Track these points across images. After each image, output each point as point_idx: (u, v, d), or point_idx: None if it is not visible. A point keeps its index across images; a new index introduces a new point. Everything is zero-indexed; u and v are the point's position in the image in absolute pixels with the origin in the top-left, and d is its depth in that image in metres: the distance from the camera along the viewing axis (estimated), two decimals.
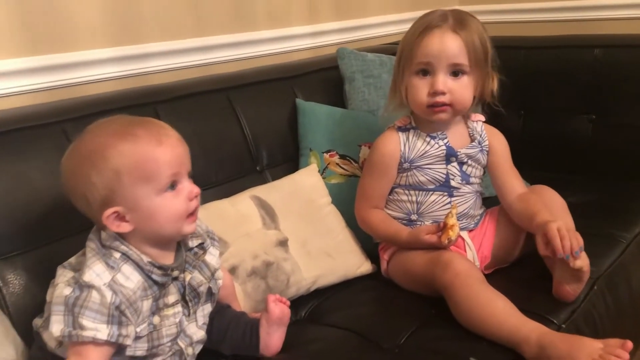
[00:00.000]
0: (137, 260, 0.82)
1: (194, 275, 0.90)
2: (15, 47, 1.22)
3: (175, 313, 0.87)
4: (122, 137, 0.81)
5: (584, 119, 1.63)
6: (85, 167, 0.81)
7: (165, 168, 0.82)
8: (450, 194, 1.16)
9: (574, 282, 1.03)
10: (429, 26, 1.10)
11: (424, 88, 1.11)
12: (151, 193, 0.82)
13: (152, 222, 0.83)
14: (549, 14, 2.22)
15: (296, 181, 1.29)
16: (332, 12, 1.94)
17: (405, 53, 1.13)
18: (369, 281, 1.21)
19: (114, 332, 0.78)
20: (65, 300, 0.78)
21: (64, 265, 0.87)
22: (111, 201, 0.81)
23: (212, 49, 1.57)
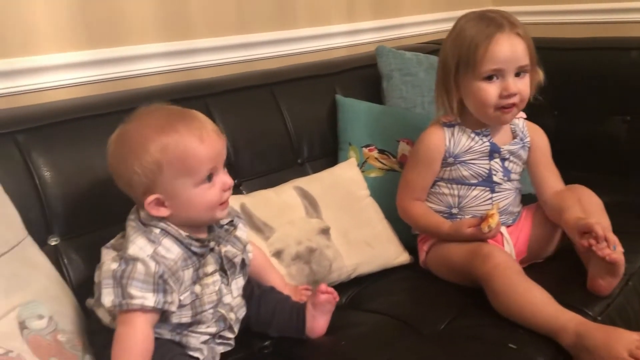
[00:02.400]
0: (176, 234, 0.89)
1: (228, 248, 0.96)
2: (76, 41, 1.29)
3: (214, 281, 0.93)
4: (165, 132, 0.87)
5: (618, 120, 1.65)
6: (130, 158, 0.87)
7: (205, 163, 0.88)
8: (492, 189, 1.19)
9: (609, 277, 1.06)
10: (493, 32, 1.12)
11: (494, 92, 1.13)
12: (189, 185, 0.88)
13: (189, 209, 0.89)
14: (582, 16, 2.24)
15: (336, 174, 1.34)
16: (370, 11, 1.98)
17: (467, 60, 1.13)
18: (406, 271, 1.25)
19: (159, 299, 0.84)
20: (113, 273, 0.84)
21: (106, 246, 0.93)
22: (152, 189, 0.87)
23: (255, 45, 1.63)
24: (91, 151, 1.09)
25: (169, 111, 0.92)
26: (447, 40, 1.19)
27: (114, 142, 0.91)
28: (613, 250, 1.01)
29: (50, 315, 0.85)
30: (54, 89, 1.26)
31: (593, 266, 1.08)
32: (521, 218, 1.26)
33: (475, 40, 1.13)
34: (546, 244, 1.23)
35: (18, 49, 1.21)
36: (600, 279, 1.07)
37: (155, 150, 0.86)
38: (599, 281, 1.07)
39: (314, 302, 1.00)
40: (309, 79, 1.52)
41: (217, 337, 0.96)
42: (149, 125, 0.89)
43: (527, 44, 1.14)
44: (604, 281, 1.07)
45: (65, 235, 1.04)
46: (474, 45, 1.12)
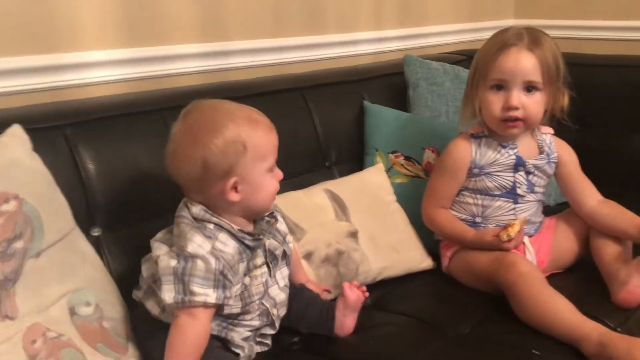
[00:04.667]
0: (229, 229, 0.92)
1: (270, 241, 0.99)
2: (119, 39, 1.33)
3: (262, 273, 0.97)
4: (246, 118, 0.93)
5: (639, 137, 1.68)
6: (213, 137, 0.89)
7: (274, 152, 0.95)
8: (515, 201, 1.23)
9: None
10: (506, 44, 1.17)
11: (498, 102, 1.17)
12: (264, 170, 0.93)
13: (257, 195, 0.93)
14: (604, 33, 2.27)
15: (365, 178, 1.38)
16: (396, 19, 2.02)
17: (481, 68, 1.19)
18: (430, 276, 1.29)
19: (220, 295, 0.88)
20: (174, 270, 0.87)
21: (155, 239, 0.96)
22: (233, 172, 0.90)
23: (287, 49, 1.67)
24: (135, 147, 1.13)
25: (236, 104, 0.97)
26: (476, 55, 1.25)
27: (181, 132, 0.92)
28: None
29: (97, 303, 0.89)
30: (97, 84, 1.30)
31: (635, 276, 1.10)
32: (543, 228, 1.29)
33: (491, 49, 1.19)
34: (567, 255, 1.27)
35: (64, 45, 1.25)
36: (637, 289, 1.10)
37: (241, 131, 0.90)
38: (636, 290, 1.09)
39: (343, 300, 1.04)
40: (339, 84, 1.56)
41: (258, 334, 1.00)
42: (228, 111, 0.93)
43: (540, 61, 1.17)
44: None
45: (107, 227, 1.08)
46: (488, 54, 1.19)
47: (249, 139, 0.90)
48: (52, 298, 0.83)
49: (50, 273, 0.84)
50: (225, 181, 0.90)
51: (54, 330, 0.81)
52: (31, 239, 0.83)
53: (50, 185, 0.93)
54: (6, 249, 0.80)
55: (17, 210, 0.83)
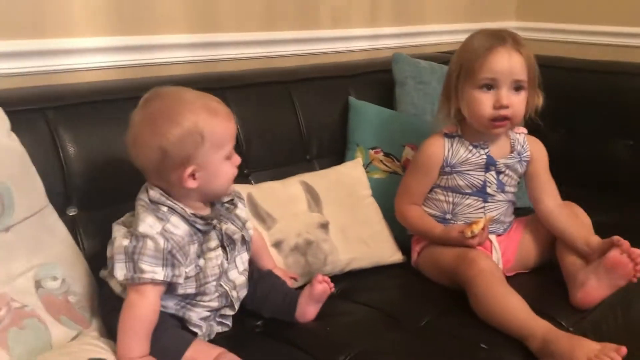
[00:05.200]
0: (182, 212, 0.96)
1: (228, 226, 1.03)
2: (108, 27, 1.37)
3: (217, 256, 1.01)
4: (205, 108, 0.95)
5: (621, 144, 1.70)
6: (170, 128, 0.92)
7: (232, 139, 0.99)
8: (485, 199, 1.26)
9: (608, 290, 1.13)
10: (494, 44, 1.19)
11: (487, 102, 1.19)
12: (221, 157, 0.97)
13: (214, 182, 0.97)
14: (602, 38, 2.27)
15: (342, 172, 1.41)
16: (391, 17, 2.04)
17: (467, 68, 1.20)
18: (398, 270, 1.32)
19: (168, 273, 0.92)
20: (125, 249, 0.91)
21: (117, 222, 1.01)
22: (189, 161, 0.94)
23: (278, 43, 1.70)
24: (113, 132, 1.16)
25: (196, 92, 1.00)
26: (455, 53, 1.25)
27: (141, 121, 0.95)
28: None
29: (64, 278, 0.94)
30: (85, 70, 1.34)
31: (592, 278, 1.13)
32: (512, 228, 1.32)
33: (478, 50, 1.20)
34: (533, 256, 1.30)
35: (54, 30, 1.30)
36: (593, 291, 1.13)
37: (199, 121, 0.93)
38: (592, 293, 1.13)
39: (310, 291, 1.08)
40: (326, 79, 1.59)
41: (218, 315, 1.04)
42: (189, 99, 0.96)
43: (527, 62, 1.20)
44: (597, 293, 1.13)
45: (82, 207, 1.13)
46: (475, 54, 1.19)
47: (206, 128, 0.94)
48: (18, 270, 0.88)
49: (18, 247, 0.89)
50: (183, 169, 0.94)
51: (18, 301, 0.86)
52: (1, 215, 0.88)
53: (25, 165, 0.98)
54: None
55: None
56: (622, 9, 2.21)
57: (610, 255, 1.11)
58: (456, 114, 1.25)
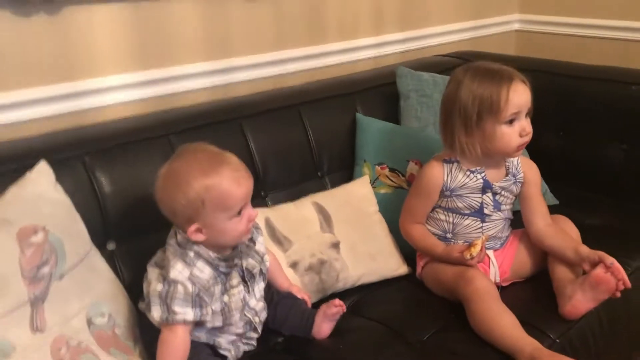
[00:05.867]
0: (207, 257, 1.09)
1: (248, 262, 1.16)
2: (132, 63, 1.49)
3: (239, 291, 1.14)
4: (208, 174, 1.05)
5: (616, 147, 1.79)
6: (177, 192, 1.05)
7: (238, 202, 1.08)
8: (482, 219, 1.37)
9: (591, 302, 1.25)
10: (509, 82, 1.27)
11: (515, 134, 1.29)
12: (225, 218, 1.07)
13: (221, 237, 1.09)
14: (603, 32, 2.33)
15: (350, 190, 1.54)
16: (397, 23, 2.11)
17: (488, 107, 1.27)
18: (404, 282, 1.45)
19: (197, 313, 1.06)
20: (159, 294, 1.06)
21: (150, 263, 1.13)
22: (194, 219, 1.06)
23: (288, 61, 1.81)
24: (144, 169, 1.30)
25: (210, 153, 1.10)
26: (458, 93, 1.30)
27: (162, 177, 1.09)
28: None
29: (110, 313, 1.09)
30: (113, 106, 1.47)
31: (576, 293, 1.25)
32: (508, 243, 1.44)
33: (496, 91, 1.27)
34: (528, 266, 1.42)
35: (82, 72, 1.41)
36: (579, 304, 1.25)
37: (199, 188, 1.04)
38: (579, 305, 1.25)
39: (325, 311, 1.22)
40: (333, 98, 1.70)
41: (244, 337, 1.19)
42: (194, 166, 1.07)
43: (530, 90, 1.30)
44: (582, 306, 1.25)
45: (120, 241, 1.27)
46: (496, 95, 1.27)
47: (208, 194, 1.04)
48: (73, 312, 1.03)
49: (72, 291, 1.03)
50: (189, 225, 1.06)
51: (75, 339, 1.01)
52: (56, 264, 1.02)
53: (71, 214, 1.11)
54: (36, 274, 0.99)
55: (44, 241, 1.02)
56: (624, 3, 2.26)
57: (595, 273, 1.23)
58: (468, 147, 1.32)
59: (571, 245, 1.33)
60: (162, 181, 1.09)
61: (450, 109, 1.31)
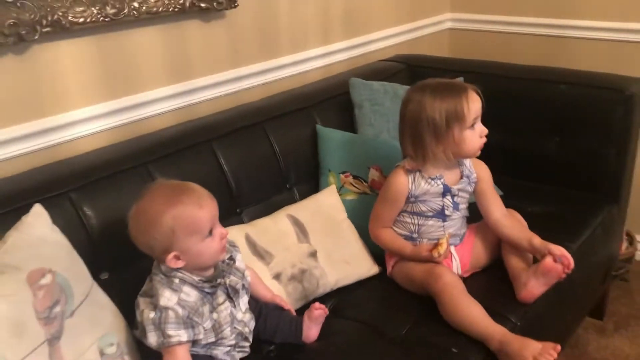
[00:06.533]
0: (191, 281, 1.18)
1: (230, 279, 1.26)
2: (98, 95, 1.53)
3: (226, 307, 1.24)
4: (173, 205, 1.14)
5: (550, 140, 1.99)
6: (149, 229, 1.14)
7: (206, 223, 1.17)
8: (443, 220, 1.52)
9: (543, 287, 1.43)
10: (466, 92, 1.43)
11: (477, 135, 1.45)
12: (197, 241, 1.16)
13: (199, 259, 1.18)
14: (529, 28, 2.53)
15: (320, 201, 1.65)
16: (342, 32, 2.22)
17: (453, 117, 1.41)
18: (376, 281, 1.58)
19: (190, 333, 1.16)
20: (153, 321, 1.14)
21: (140, 294, 1.21)
22: (170, 249, 1.15)
23: (244, 78, 1.88)
24: (127, 199, 1.31)
25: (170, 186, 1.19)
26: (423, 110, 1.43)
27: (132, 218, 1.16)
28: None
29: (118, 342, 1.15)
30: (84, 138, 1.51)
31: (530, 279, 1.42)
32: (465, 238, 1.59)
33: (459, 101, 1.42)
34: (484, 258, 1.58)
35: (52, 108, 1.44)
36: (534, 289, 1.42)
37: (168, 219, 1.13)
38: (533, 290, 1.42)
39: (309, 315, 1.33)
40: (294, 112, 1.79)
41: (237, 347, 1.28)
42: (159, 201, 1.15)
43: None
44: (536, 290, 1.42)
45: (112, 270, 1.32)
46: (460, 105, 1.41)
47: (177, 222, 1.13)
48: (86, 345, 1.09)
49: (82, 327, 1.09)
50: (167, 255, 1.14)
51: None
52: (66, 303, 1.08)
53: (71, 253, 1.17)
54: (49, 314, 1.04)
55: (53, 282, 1.07)
56: (548, 2, 2.46)
57: (545, 262, 1.41)
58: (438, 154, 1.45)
59: (525, 237, 1.50)
60: (133, 221, 1.17)
61: (417, 126, 1.43)
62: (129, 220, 1.18)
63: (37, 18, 1.30)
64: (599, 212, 1.85)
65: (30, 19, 1.30)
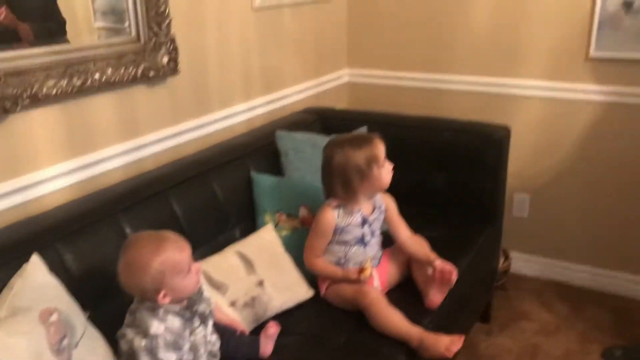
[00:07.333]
0: (173, 311, 1.42)
1: (201, 306, 1.51)
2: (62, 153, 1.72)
3: (200, 330, 1.47)
4: (158, 253, 1.35)
5: (439, 176, 2.42)
6: (140, 276, 1.34)
7: (187, 262, 1.41)
8: (364, 245, 1.86)
9: (441, 295, 1.79)
10: (372, 140, 1.81)
11: (387, 172, 1.83)
12: (182, 279, 1.40)
13: (183, 293, 1.42)
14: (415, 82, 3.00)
15: (261, 237, 1.93)
16: (261, 88, 2.54)
17: (374, 160, 1.78)
18: (313, 302, 1.88)
19: (178, 355, 1.39)
20: (145, 347, 1.35)
21: (125, 326, 1.39)
22: (160, 289, 1.37)
23: (183, 133, 2.14)
24: (102, 245, 1.56)
25: (150, 237, 1.40)
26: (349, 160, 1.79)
27: (122, 270, 1.36)
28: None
29: None
30: (51, 194, 1.69)
31: (432, 289, 1.79)
32: (382, 260, 1.95)
33: (374, 148, 1.80)
34: (398, 276, 1.94)
35: (25, 168, 1.62)
36: (435, 297, 1.79)
37: (157, 265, 1.35)
38: (434, 299, 1.79)
39: (265, 333, 1.60)
40: (232, 161, 2.07)
41: None
42: (144, 251, 1.36)
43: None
44: (437, 298, 1.80)
45: (95, 308, 1.51)
46: (375, 150, 1.80)
47: (165, 267, 1.34)
48: None
49: (86, 355, 1.29)
50: (157, 295, 1.37)
51: None
52: (71, 336, 1.27)
53: (67, 294, 1.36)
54: (60, 346, 1.24)
55: (59, 319, 1.27)
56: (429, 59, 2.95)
57: (435, 275, 1.80)
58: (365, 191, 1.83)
59: (425, 254, 1.88)
60: (124, 273, 1.38)
61: (346, 173, 1.79)
62: (120, 272, 1.37)
63: (19, 92, 1.50)
64: (481, 234, 2.30)
65: (13, 94, 1.49)
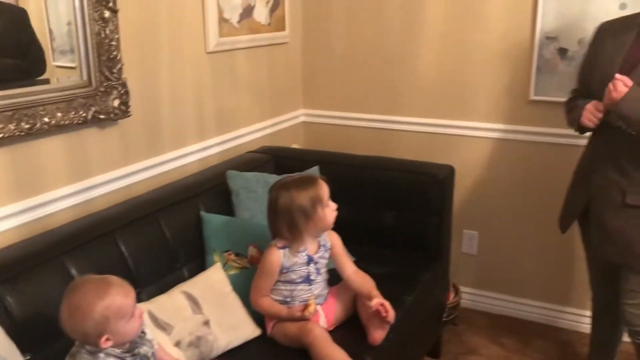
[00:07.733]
0: (114, 354, 1.43)
1: (144, 349, 1.53)
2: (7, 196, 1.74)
3: None
4: (102, 297, 1.35)
5: (389, 214, 2.50)
6: (83, 320, 1.33)
7: (131, 307, 1.43)
8: (310, 284, 1.91)
9: (382, 331, 1.84)
10: (319, 182, 1.87)
11: (331, 212, 1.88)
12: (125, 323, 1.41)
13: (125, 337, 1.43)
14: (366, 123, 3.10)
15: (209, 277, 1.96)
16: (215, 129, 2.60)
17: (317, 200, 1.84)
18: (259, 341, 1.90)
19: None
20: None
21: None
22: (103, 333, 1.38)
23: (135, 173, 2.17)
24: (46, 287, 1.58)
25: (95, 281, 1.39)
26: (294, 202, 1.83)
27: (65, 313, 1.34)
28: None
29: None
30: None
31: (373, 326, 1.84)
32: (328, 298, 1.99)
33: (318, 189, 1.86)
34: (344, 313, 1.99)
35: None
36: (376, 334, 1.84)
37: (101, 309, 1.36)
38: (376, 335, 1.84)
39: None
40: (181, 202, 2.11)
41: None
42: (89, 295, 1.36)
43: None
44: (378, 335, 1.84)
45: (35, 351, 1.52)
46: (319, 191, 1.85)
47: (109, 312, 1.34)
48: None
49: None
50: (100, 339, 1.38)
51: None
52: None
53: (6, 338, 1.37)
54: None
55: None
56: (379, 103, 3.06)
57: (372, 312, 1.85)
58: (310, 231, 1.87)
59: (367, 290, 1.93)
60: (67, 316, 1.38)
61: (290, 214, 1.84)
62: (62, 315, 1.37)
63: None
64: (427, 269, 2.37)
65: None
